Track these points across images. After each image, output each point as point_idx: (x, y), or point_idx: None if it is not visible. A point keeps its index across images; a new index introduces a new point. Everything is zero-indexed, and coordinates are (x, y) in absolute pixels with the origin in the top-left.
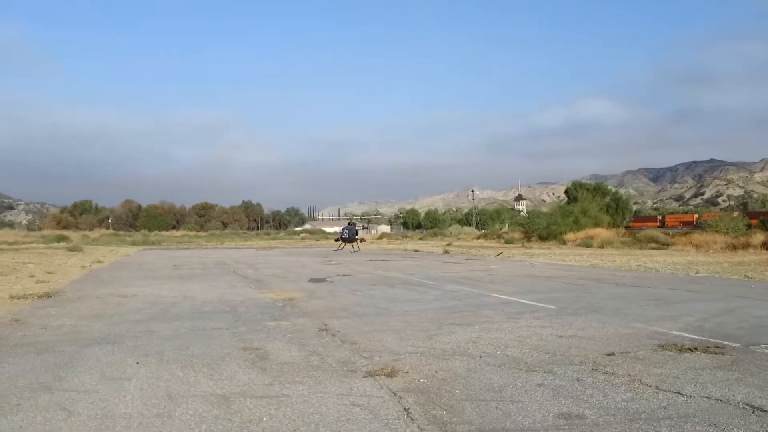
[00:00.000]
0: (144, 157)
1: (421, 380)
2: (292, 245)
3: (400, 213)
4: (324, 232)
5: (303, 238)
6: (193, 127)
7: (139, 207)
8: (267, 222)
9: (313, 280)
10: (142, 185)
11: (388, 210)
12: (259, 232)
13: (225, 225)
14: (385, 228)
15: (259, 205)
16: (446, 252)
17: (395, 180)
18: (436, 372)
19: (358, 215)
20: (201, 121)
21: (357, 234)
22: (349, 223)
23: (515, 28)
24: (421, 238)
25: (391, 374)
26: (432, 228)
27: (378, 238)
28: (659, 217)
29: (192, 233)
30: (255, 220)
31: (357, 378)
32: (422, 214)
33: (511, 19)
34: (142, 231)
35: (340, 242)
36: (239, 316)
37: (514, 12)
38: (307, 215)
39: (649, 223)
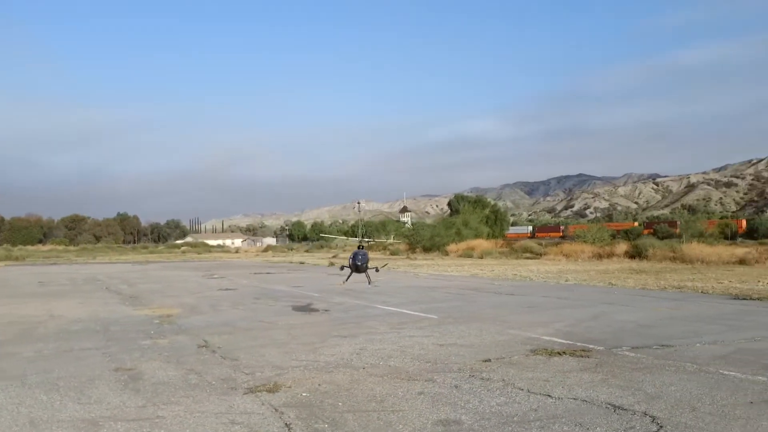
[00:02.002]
0: (6, 165)
1: (304, 394)
2: (172, 259)
3: (286, 225)
4: (207, 245)
5: (184, 252)
6: (64, 134)
7: (2, 219)
8: (145, 235)
9: (194, 295)
10: (5, 195)
11: (274, 222)
12: (135, 245)
13: (98, 238)
14: (271, 240)
15: (136, 217)
16: (332, 264)
17: (282, 192)
18: (319, 385)
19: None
20: (72, 128)
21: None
22: (359, 247)
23: (408, 46)
24: (307, 251)
25: (274, 389)
26: (318, 240)
27: (263, 251)
28: (530, 228)
29: (61, 247)
30: (132, 233)
31: (237, 395)
32: (308, 227)
33: (404, 37)
34: (5, 246)
35: (347, 271)
36: (112, 335)
37: (405, 30)
38: (188, 228)
39: (521, 234)
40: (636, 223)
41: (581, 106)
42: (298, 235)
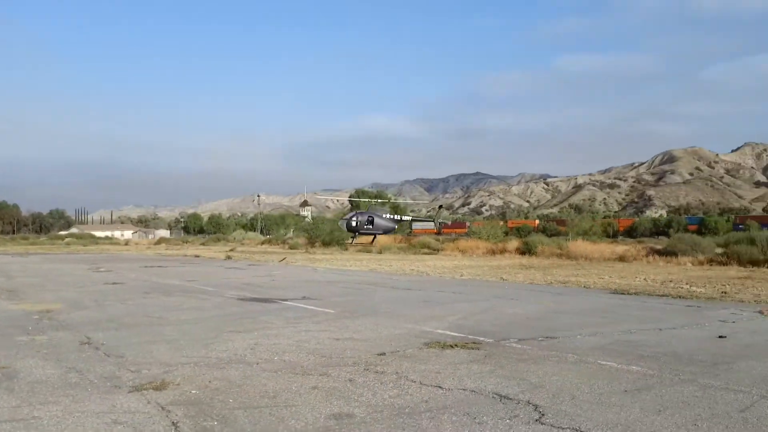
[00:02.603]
0: None
1: (194, 391)
2: (55, 251)
3: (182, 217)
4: (94, 236)
5: (68, 244)
6: None
7: None
8: (25, 225)
9: (78, 290)
10: None
11: (168, 214)
12: (15, 236)
13: None
14: (165, 233)
15: (15, 206)
16: (229, 258)
17: (178, 183)
18: (209, 382)
19: (134, 219)
20: None
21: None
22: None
23: (313, 42)
24: (203, 244)
25: (161, 387)
26: (215, 233)
27: (155, 244)
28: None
29: None
30: (10, 222)
31: (121, 394)
32: (205, 219)
33: (309, 33)
34: None
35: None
36: None
37: (310, 26)
38: (74, 218)
39: (428, 230)
40: (537, 222)
41: (480, 108)
42: (194, 228)
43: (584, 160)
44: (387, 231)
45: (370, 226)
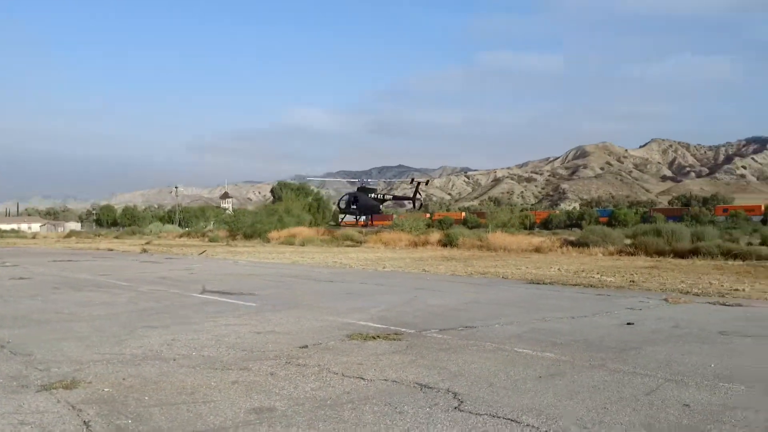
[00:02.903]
0: None
1: (106, 389)
2: None
3: (94, 209)
4: None
5: None
6: None
7: None
8: None
9: None
10: None
11: (79, 206)
12: None
13: None
14: (75, 225)
15: None
16: (145, 251)
17: (88, 174)
18: (123, 379)
19: (42, 211)
20: None
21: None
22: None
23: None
24: (117, 237)
25: (71, 386)
26: (130, 226)
27: (65, 237)
28: (364, 216)
29: None
30: None
31: (29, 393)
32: (119, 211)
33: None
34: None
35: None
36: None
37: (235, 18)
38: None
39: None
40: (463, 214)
41: (404, 102)
42: (107, 221)
43: (503, 154)
44: (370, 211)
45: (354, 207)
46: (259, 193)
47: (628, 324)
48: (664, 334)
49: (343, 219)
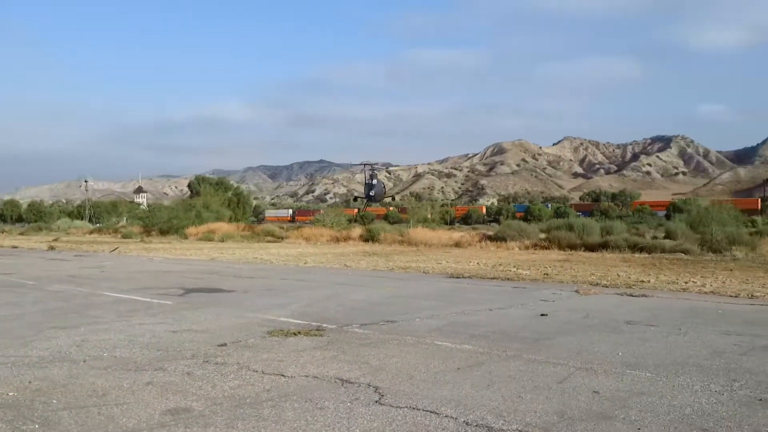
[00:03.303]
0: None
1: (11, 394)
2: None
3: None
4: None
5: None
6: None
7: None
8: None
9: None
10: None
11: None
12: None
13: None
14: None
15: None
16: (52, 248)
17: None
18: (29, 383)
19: None
20: None
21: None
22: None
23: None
24: (21, 233)
25: None
26: (36, 222)
27: None
28: (290, 212)
29: None
30: None
31: None
32: (24, 206)
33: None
34: None
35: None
36: None
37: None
38: None
39: (282, 218)
40: (392, 208)
41: (325, 95)
42: (11, 216)
43: (424, 149)
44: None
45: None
46: (176, 187)
47: (542, 315)
48: (575, 324)
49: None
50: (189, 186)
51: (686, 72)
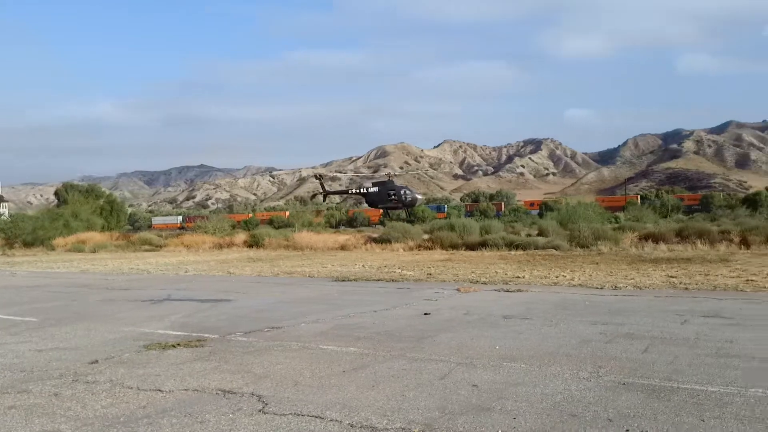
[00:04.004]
0: None
1: None
2: None
3: None
4: None
5: None
6: None
7: None
8: None
9: None
10: None
11: None
12: None
13: None
14: None
15: None
16: None
17: None
18: None
19: None
20: None
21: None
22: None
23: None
24: None
25: None
26: None
27: None
28: (180, 218)
29: None
30: None
31: None
32: None
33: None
34: None
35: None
36: None
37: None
38: None
39: (171, 225)
40: (287, 213)
41: (205, 97)
42: None
43: (308, 152)
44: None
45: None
46: (41, 196)
47: (425, 314)
48: (456, 321)
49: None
50: (56, 194)
51: (555, 78)
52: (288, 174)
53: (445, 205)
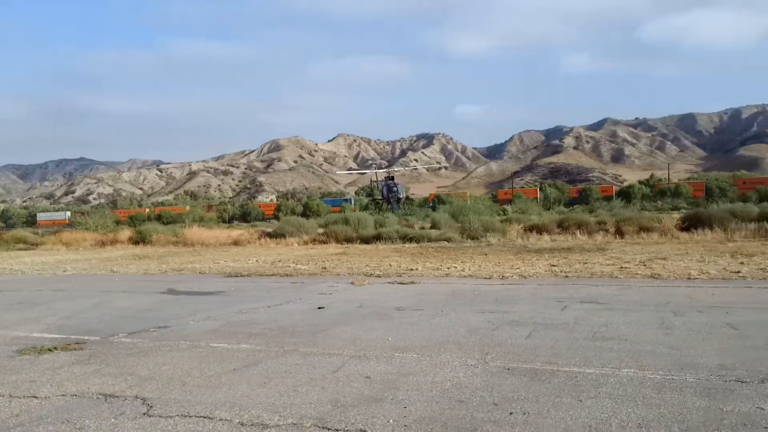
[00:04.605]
0: None
1: None
2: None
3: None
4: None
5: None
6: None
7: None
8: None
9: None
10: None
11: None
12: None
13: None
14: None
15: None
16: None
17: None
18: None
19: None
20: None
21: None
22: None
23: None
24: None
25: None
26: None
27: None
28: (68, 214)
29: None
30: None
31: None
32: None
33: None
34: None
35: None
36: None
37: None
38: None
39: (59, 221)
40: (188, 208)
41: (83, 88)
42: None
43: (198, 146)
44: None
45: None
46: None
47: (320, 308)
48: (350, 315)
49: (387, 208)
50: None
51: (446, 74)
52: (177, 168)
53: (352, 198)
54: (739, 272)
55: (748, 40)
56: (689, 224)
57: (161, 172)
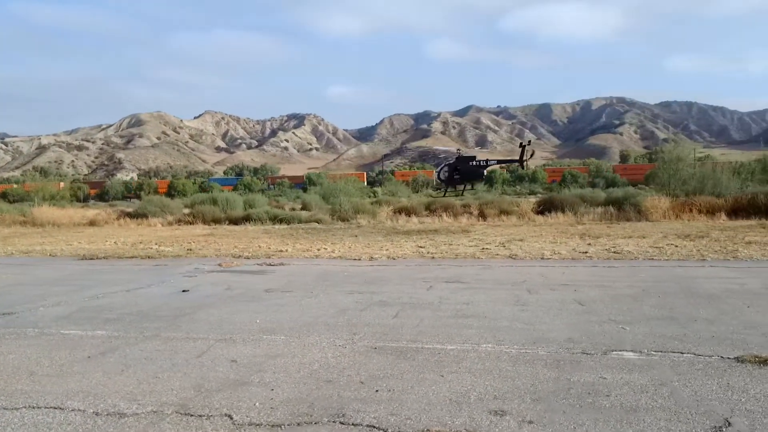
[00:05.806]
0: None
1: None
2: None
3: None
4: None
5: None
6: None
7: None
8: None
9: None
10: None
11: None
12: None
13: None
14: None
15: None
16: None
17: None
18: None
19: None
20: None
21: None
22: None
23: None
24: None
25: None
26: None
27: None
28: None
29: None
30: None
31: None
32: None
33: None
34: None
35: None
36: None
37: None
38: None
39: None
40: (58, 185)
41: None
42: None
43: (48, 119)
44: (474, 178)
45: (457, 176)
46: None
47: (184, 291)
48: (217, 297)
49: (446, 190)
50: None
51: (318, 54)
52: (25, 141)
53: (237, 179)
54: (586, 252)
55: (601, 34)
56: (544, 208)
57: (6, 146)
